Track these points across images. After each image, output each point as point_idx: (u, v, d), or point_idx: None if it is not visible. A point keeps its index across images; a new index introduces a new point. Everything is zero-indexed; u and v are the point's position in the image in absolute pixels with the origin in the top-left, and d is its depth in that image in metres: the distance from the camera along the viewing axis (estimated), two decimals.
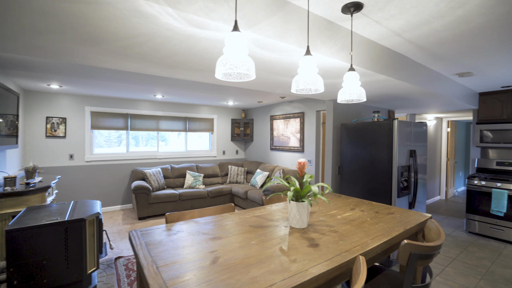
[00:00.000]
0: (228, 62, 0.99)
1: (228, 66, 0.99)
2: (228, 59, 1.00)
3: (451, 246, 3.66)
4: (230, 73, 1.14)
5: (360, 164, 3.30)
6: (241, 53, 1.02)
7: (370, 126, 3.18)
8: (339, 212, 1.85)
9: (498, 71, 3.08)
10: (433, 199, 6.26)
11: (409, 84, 2.67)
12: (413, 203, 3.16)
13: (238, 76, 1.18)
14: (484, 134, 4.23)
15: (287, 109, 5.72)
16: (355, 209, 1.94)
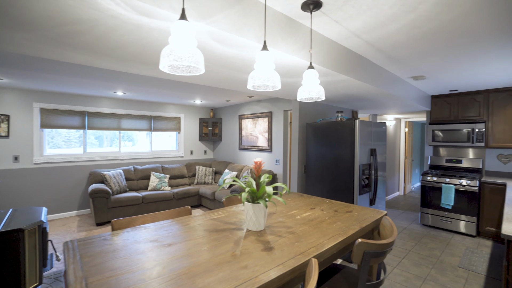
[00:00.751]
0: (172, 53, 0.91)
1: (173, 57, 0.90)
2: (172, 50, 0.91)
3: (407, 239, 3.89)
4: (176, 65, 1.05)
5: (325, 163, 3.37)
6: (188, 44, 0.94)
7: (334, 126, 3.25)
8: (299, 212, 1.84)
9: (446, 76, 3.32)
10: (393, 195, 6.65)
11: (369, 85, 2.77)
12: (373, 199, 3.30)
13: (187, 70, 1.09)
14: (435, 134, 4.56)
15: (255, 109, 5.69)
16: (315, 208, 1.95)
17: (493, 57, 2.59)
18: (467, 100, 4.32)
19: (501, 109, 4.01)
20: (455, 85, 3.89)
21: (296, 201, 2.21)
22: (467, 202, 3.97)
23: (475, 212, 3.91)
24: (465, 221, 4.00)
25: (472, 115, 4.27)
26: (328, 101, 3.88)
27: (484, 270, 2.97)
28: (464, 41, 2.19)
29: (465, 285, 2.70)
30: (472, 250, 3.49)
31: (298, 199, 2.27)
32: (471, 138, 4.17)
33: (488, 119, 4.13)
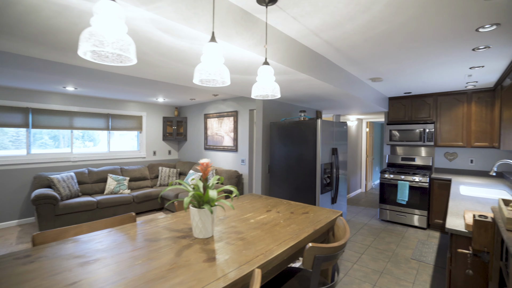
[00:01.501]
0: (92, 36, 0.77)
1: (93, 41, 0.76)
2: (93, 33, 0.78)
3: (367, 234, 4.05)
4: (100, 52, 0.91)
5: (288, 163, 3.36)
6: (114, 28, 0.81)
7: (297, 125, 3.25)
8: (254, 215, 1.78)
9: (401, 79, 3.51)
10: (355, 192, 6.93)
11: (330, 85, 2.80)
12: (335, 198, 3.36)
13: (117, 59, 0.95)
14: (392, 134, 4.82)
15: (221, 108, 5.56)
16: (271, 210, 1.90)
17: (439, 63, 2.76)
18: (419, 103, 4.63)
19: (447, 111, 4.35)
20: (409, 88, 4.13)
21: (254, 203, 2.15)
22: (419, 197, 4.25)
23: (426, 206, 4.20)
24: (418, 215, 4.27)
25: (423, 116, 4.59)
26: (292, 101, 3.89)
27: (433, 260, 3.18)
28: (414, 46, 2.29)
29: (416, 275, 2.86)
30: (423, 242, 3.73)
31: (255, 201, 2.20)
32: (423, 138, 4.47)
33: (436, 120, 4.46)
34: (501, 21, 1.84)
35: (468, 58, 2.64)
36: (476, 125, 4.11)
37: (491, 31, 1.99)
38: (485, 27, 1.91)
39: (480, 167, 4.35)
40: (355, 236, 3.95)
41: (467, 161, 4.46)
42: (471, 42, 2.20)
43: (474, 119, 4.12)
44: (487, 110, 4.02)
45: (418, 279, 2.79)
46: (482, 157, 4.34)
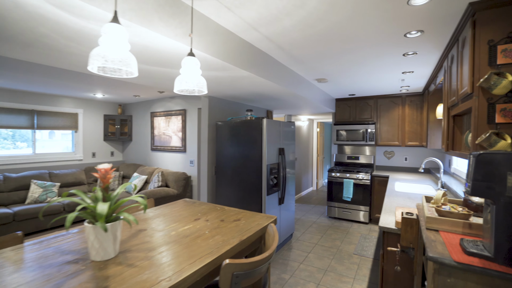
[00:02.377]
0: None
1: None
2: None
3: (315, 232, 4.14)
4: None
5: (235, 164, 3.23)
6: None
7: (243, 125, 3.14)
8: (178, 226, 1.59)
9: (345, 80, 3.63)
10: (306, 190, 7.13)
11: (274, 83, 2.74)
12: (282, 198, 3.33)
13: None
14: (339, 134, 5.03)
15: (168, 106, 5.21)
16: (200, 219, 1.74)
17: (376, 67, 2.91)
18: (362, 104, 4.90)
19: (386, 112, 4.68)
20: (353, 90, 4.33)
21: (184, 210, 1.95)
22: (362, 193, 4.49)
23: (368, 202, 4.45)
24: (361, 210, 4.51)
25: (366, 118, 4.87)
26: (239, 99, 3.77)
27: (372, 254, 3.35)
28: (352, 47, 2.34)
29: (357, 270, 2.96)
30: (365, 237, 3.93)
31: (186, 209, 2.00)
32: (365, 138, 4.74)
33: (377, 121, 4.76)
34: (425, 29, 1.95)
35: (400, 63, 2.80)
36: (409, 126, 4.48)
37: (417, 38, 2.11)
38: (411, 33, 2.01)
39: (413, 164, 4.77)
40: (304, 235, 4.00)
41: (402, 158, 4.86)
42: (402, 47, 2.32)
43: (408, 120, 4.49)
44: (418, 112, 4.41)
45: (358, 273, 2.90)
46: (414, 155, 4.76)
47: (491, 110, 1.52)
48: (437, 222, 1.12)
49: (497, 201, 0.81)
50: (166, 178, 4.74)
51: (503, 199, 0.80)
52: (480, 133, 1.54)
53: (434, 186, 3.32)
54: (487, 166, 0.82)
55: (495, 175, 0.81)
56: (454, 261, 0.85)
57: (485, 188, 0.83)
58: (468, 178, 0.89)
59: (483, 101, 1.53)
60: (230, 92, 3.21)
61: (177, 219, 1.71)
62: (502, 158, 0.80)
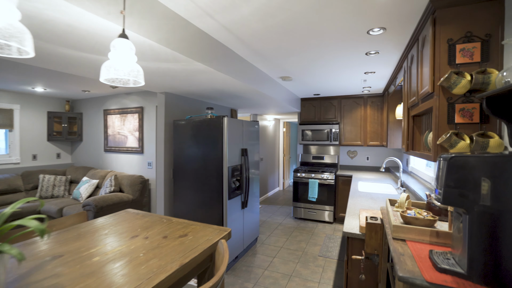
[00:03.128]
0: None
1: None
2: None
3: (280, 235, 4.03)
4: None
5: (194, 166, 2.97)
6: None
7: (202, 124, 2.90)
8: (106, 248, 1.28)
9: (309, 79, 3.57)
10: (273, 190, 7.07)
11: (236, 80, 2.55)
12: (245, 202, 3.16)
13: None
14: (305, 133, 5.01)
15: (124, 103, 4.75)
16: (139, 236, 1.47)
17: (340, 66, 2.87)
18: (326, 104, 4.93)
19: (349, 113, 4.76)
20: (318, 89, 4.31)
21: (122, 224, 1.65)
22: (327, 193, 4.50)
23: (332, 201, 4.47)
24: (326, 210, 4.52)
25: (330, 117, 4.90)
26: (200, 96, 3.52)
27: (337, 255, 3.33)
28: (316, 43, 2.24)
29: (322, 273, 2.90)
30: (330, 237, 3.93)
31: (125, 222, 1.70)
32: (330, 138, 4.77)
33: (341, 121, 4.82)
34: (387, 26, 1.90)
35: (362, 62, 2.79)
36: (370, 126, 4.59)
37: (379, 36, 2.07)
38: (374, 30, 1.96)
39: (374, 163, 4.91)
40: (269, 238, 3.87)
41: (364, 158, 4.98)
42: (364, 45, 2.28)
43: (369, 121, 4.60)
44: (378, 113, 4.54)
45: (323, 277, 2.83)
46: (375, 154, 4.91)
47: (451, 110, 1.49)
48: (404, 231, 1.03)
49: (471, 211, 0.72)
50: (120, 182, 4.30)
51: (477, 208, 0.71)
52: (441, 133, 1.50)
53: (394, 185, 3.39)
54: (460, 170, 0.73)
55: (469, 180, 0.72)
56: (426, 281, 0.74)
57: (458, 195, 0.73)
58: (439, 184, 0.79)
59: (443, 100, 1.50)
60: (188, 88, 2.95)
61: (113, 234, 1.44)
62: (476, 162, 0.71)
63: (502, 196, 0.67)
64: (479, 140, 1.36)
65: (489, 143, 1.35)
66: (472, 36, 1.46)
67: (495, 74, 1.33)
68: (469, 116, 1.45)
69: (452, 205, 0.74)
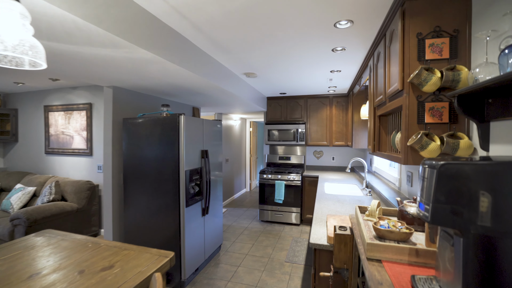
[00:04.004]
0: None
1: None
2: None
3: (246, 240, 3.82)
4: None
5: (147, 170, 2.63)
6: None
7: (156, 123, 2.57)
8: None
9: (274, 77, 3.41)
10: (240, 192, 6.84)
11: (195, 74, 2.28)
12: (207, 208, 2.89)
13: None
14: (271, 133, 4.86)
15: (69, 98, 4.17)
16: (42, 272, 1.07)
17: (306, 63, 2.74)
18: (293, 104, 4.83)
19: (315, 113, 4.71)
20: (284, 88, 4.18)
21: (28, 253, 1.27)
22: (293, 195, 4.39)
23: (299, 203, 4.38)
24: (293, 212, 4.41)
25: (296, 117, 4.81)
26: (155, 92, 3.17)
27: (303, 259, 3.21)
28: (280, 35, 2.06)
29: (289, 281, 2.74)
30: (297, 240, 3.81)
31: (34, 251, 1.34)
32: (296, 138, 4.68)
33: (307, 121, 4.76)
34: (354, 19, 1.79)
35: (329, 59, 2.69)
36: (336, 126, 4.59)
37: (346, 30, 1.96)
38: (341, 23, 1.83)
39: (339, 163, 4.94)
40: (234, 245, 3.64)
41: (330, 158, 4.99)
42: (331, 40, 2.16)
43: (335, 121, 4.60)
44: (343, 113, 4.55)
45: (290, 285, 2.67)
46: (340, 154, 4.94)
47: (421, 109, 1.40)
48: (380, 250, 0.87)
49: (466, 232, 0.57)
50: (63, 189, 3.75)
51: (473, 230, 0.56)
52: (411, 133, 1.40)
53: (360, 185, 3.37)
54: (453, 181, 0.58)
55: (463, 194, 0.57)
56: None
57: (450, 213, 0.58)
58: (424, 197, 0.64)
59: (413, 99, 1.40)
60: (140, 82, 2.60)
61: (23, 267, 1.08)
62: (473, 171, 0.56)
63: (505, 214, 0.53)
64: (449, 141, 1.27)
65: (459, 145, 1.27)
66: (441, 31, 1.38)
67: (465, 71, 1.26)
68: (439, 115, 1.37)
69: (443, 225, 0.59)
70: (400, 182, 2.48)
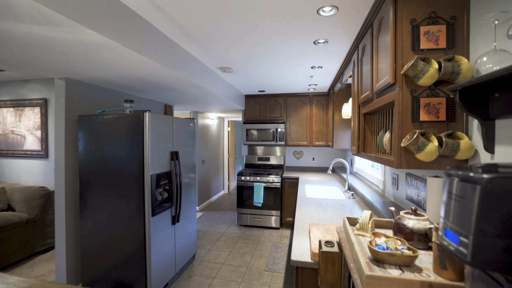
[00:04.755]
0: None
1: None
2: None
3: (223, 247, 3.56)
4: None
5: (107, 175, 2.30)
6: None
7: (118, 121, 2.25)
8: None
9: (252, 72, 3.19)
10: (218, 194, 6.55)
11: (160, 65, 1.99)
12: (177, 216, 2.60)
13: None
14: (250, 133, 4.63)
15: (20, 93, 3.67)
16: None
17: (286, 57, 2.54)
18: (272, 102, 4.64)
19: (295, 112, 4.55)
20: (263, 85, 3.97)
21: None
22: (273, 197, 4.20)
23: (279, 206, 4.19)
24: (273, 215, 4.22)
25: (276, 116, 4.63)
26: (119, 87, 2.82)
27: (283, 267, 3.01)
28: (257, 23, 1.84)
29: None
30: (276, 245, 3.62)
31: None
32: (276, 137, 4.49)
33: (287, 120, 4.59)
34: (339, 5, 1.60)
35: (310, 53, 2.51)
36: (316, 126, 4.46)
37: (330, 18, 1.77)
38: (325, 9, 1.64)
39: (320, 163, 4.82)
40: (210, 253, 3.37)
41: (310, 159, 4.85)
42: (313, 30, 1.97)
43: (315, 120, 4.46)
44: (324, 112, 4.43)
45: None
46: (321, 155, 4.82)
47: (415, 105, 1.23)
48: (383, 284, 0.67)
49: None
50: (10, 197, 3.27)
51: None
52: (405, 133, 1.23)
53: (341, 187, 3.24)
54: (505, 204, 0.38)
55: None
56: None
57: (504, 252, 0.39)
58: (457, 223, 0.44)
59: (407, 93, 1.24)
60: (98, 74, 2.26)
61: None
62: None
63: None
64: (448, 142, 1.11)
65: (459, 146, 1.11)
66: (437, 17, 1.22)
67: (465, 62, 1.10)
68: (435, 112, 1.21)
69: (493, 269, 0.40)
70: (384, 185, 2.35)
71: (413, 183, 1.71)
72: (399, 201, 1.96)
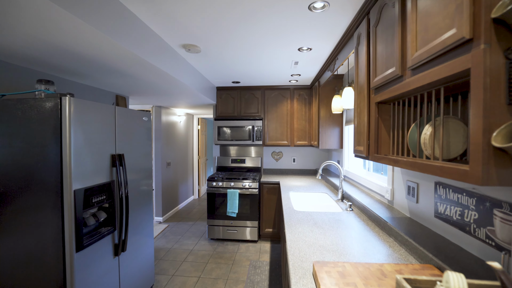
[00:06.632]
0: None
1: None
2: None
3: (190, 271, 2.90)
4: None
5: (4, 193, 1.54)
6: None
7: (24, 109, 1.50)
8: None
9: (226, 55, 2.58)
10: (187, 200, 5.82)
11: (97, 30, 1.30)
12: (123, 242, 1.90)
13: None
14: (222, 131, 4.00)
15: None
16: None
17: (267, 32, 1.98)
18: (248, 96, 4.05)
19: (274, 107, 4.01)
20: (237, 74, 3.37)
21: None
22: (250, 206, 3.62)
23: (256, 216, 3.62)
24: (249, 227, 3.63)
25: (252, 112, 4.05)
26: (39, 65, 2.03)
27: None
28: None
29: None
30: (255, 264, 3.04)
31: None
32: (252, 136, 3.91)
33: (264, 117, 4.03)
34: None
35: (301, 25, 1.96)
36: (297, 123, 3.96)
37: None
38: None
39: (301, 165, 4.34)
40: (172, 282, 2.69)
41: (290, 160, 4.35)
42: None
43: (296, 116, 3.97)
44: (306, 108, 3.95)
45: None
46: (302, 156, 4.34)
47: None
48: None
49: None
50: None
51: None
52: (495, 123, 0.71)
53: (332, 195, 2.75)
54: None
55: None
56: None
57: None
58: None
59: (498, 55, 0.72)
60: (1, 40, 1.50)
61: None
62: None
63: None
64: None
65: None
66: None
67: None
68: None
69: None
70: (392, 194, 1.88)
71: (451, 197, 1.23)
72: (422, 219, 1.48)
